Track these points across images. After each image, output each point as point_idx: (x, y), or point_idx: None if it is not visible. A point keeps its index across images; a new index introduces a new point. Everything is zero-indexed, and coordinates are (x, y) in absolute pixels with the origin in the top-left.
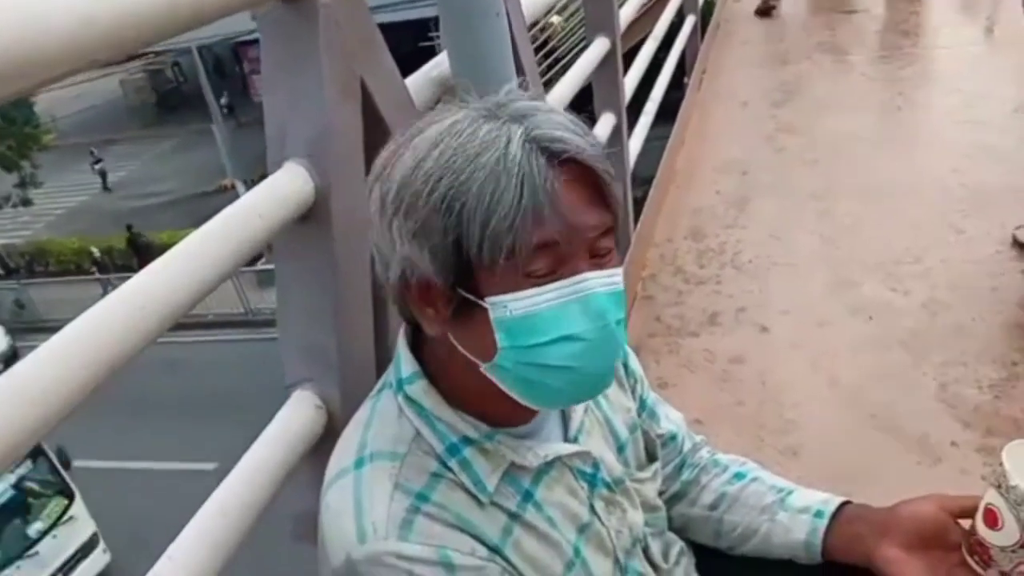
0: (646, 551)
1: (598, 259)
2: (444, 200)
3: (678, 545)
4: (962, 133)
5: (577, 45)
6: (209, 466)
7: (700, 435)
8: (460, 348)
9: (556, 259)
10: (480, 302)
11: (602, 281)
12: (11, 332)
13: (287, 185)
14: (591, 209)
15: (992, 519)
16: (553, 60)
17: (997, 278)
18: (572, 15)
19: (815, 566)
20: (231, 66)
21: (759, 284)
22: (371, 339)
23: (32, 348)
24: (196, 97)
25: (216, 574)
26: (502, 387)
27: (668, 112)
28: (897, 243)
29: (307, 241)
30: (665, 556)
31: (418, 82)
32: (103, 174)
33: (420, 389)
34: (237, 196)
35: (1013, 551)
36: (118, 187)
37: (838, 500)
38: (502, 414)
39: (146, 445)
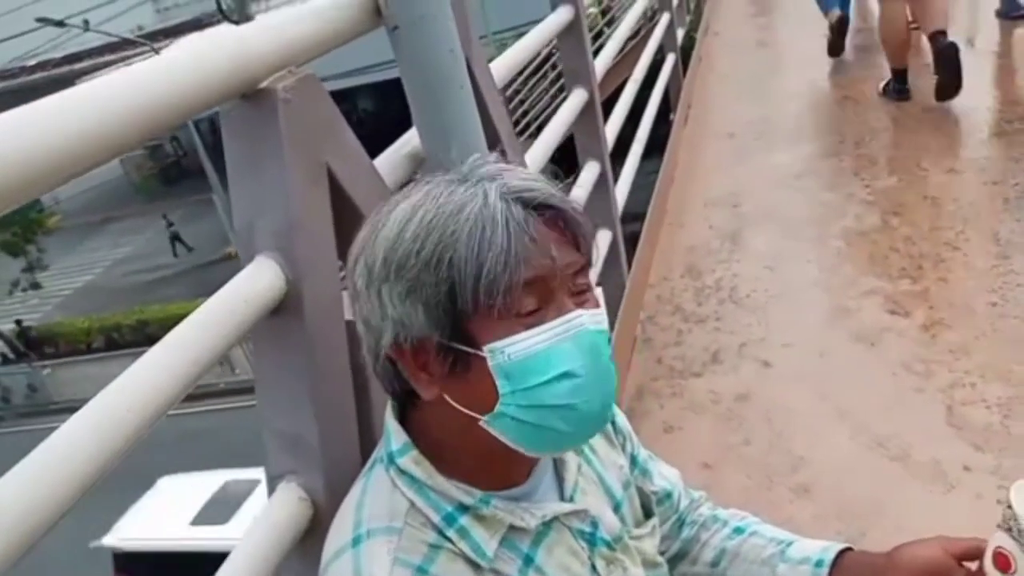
0: None
1: (578, 297)
2: (434, 254)
3: None
4: (953, 148)
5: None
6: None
7: (700, 491)
8: (457, 406)
9: (543, 298)
10: (477, 352)
11: (591, 318)
12: (23, 416)
13: (257, 280)
14: (566, 247)
15: (1004, 563)
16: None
17: (996, 293)
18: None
19: None
20: None
21: (758, 318)
22: (354, 425)
23: (48, 431)
24: (196, 169)
25: None
26: (503, 439)
27: (657, 147)
28: (893, 264)
29: (281, 333)
30: None
31: (389, 161)
32: (174, 238)
33: (411, 460)
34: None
35: None
36: (124, 263)
37: (837, 547)
38: (497, 476)
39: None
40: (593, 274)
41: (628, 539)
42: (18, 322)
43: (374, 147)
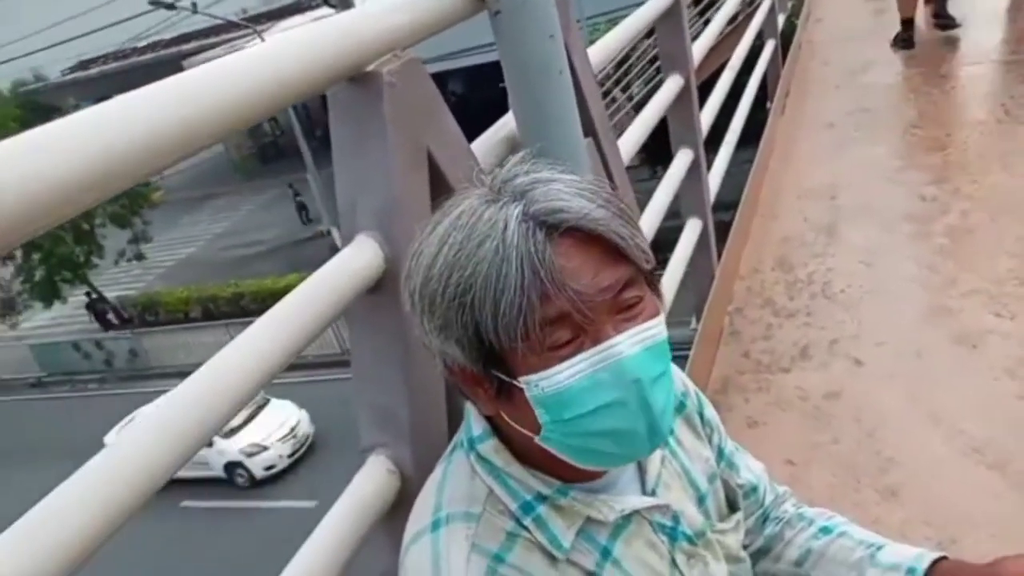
0: None
1: (625, 313)
2: (456, 295)
3: None
4: None
5: None
6: (310, 504)
7: (784, 486)
8: (512, 423)
9: (576, 327)
10: (515, 382)
11: (633, 341)
12: (124, 379)
13: (358, 258)
14: (603, 270)
15: None
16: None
17: None
18: None
19: None
20: (324, 116)
21: (852, 314)
22: (443, 404)
23: (145, 394)
24: (293, 148)
25: None
26: (557, 455)
27: (753, 135)
28: (1000, 264)
29: (378, 310)
30: None
31: (485, 145)
32: (301, 207)
33: (491, 448)
34: (332, 241)
35: None
36: (222, 238)
37: (932, 556)
38: (572, 471)
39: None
40: (668, 278)
41: (711, 533)
42: (88, 295)
43: (463, 130)
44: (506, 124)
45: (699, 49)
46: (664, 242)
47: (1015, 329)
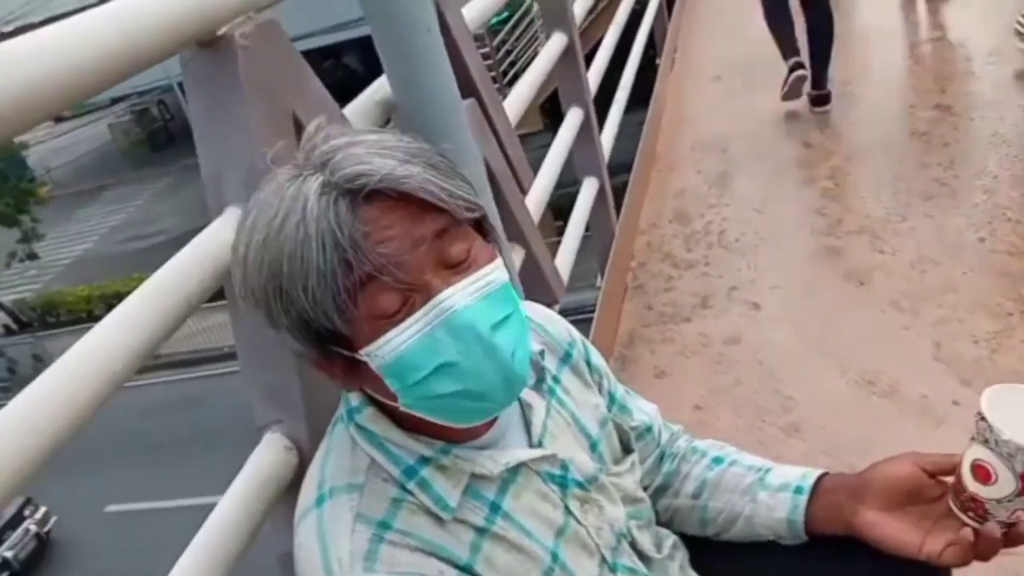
0: (633, 544)
1: (455, 269)
2: (269, 286)
3: (671, 539)
4: (940, 83)
5: None
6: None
7: (677, 424)
8: (375, 395)
9: (402, 292)
10: (357, 356)
11: (467, 292)
12: None
13: (227, 231)
14: (413, 226)
15: (984, 475)
16: None
17: (984, 228)
18: None
19: (804, 545)
20: None
21: (747, 261)
22: None
23: None
24: (184, 132)
25: None
26: (427, 417)
27: (645, 96)
28: (881, 203)
29: None
30: (658, 547)
31: (360, 109)
32: None
33: (369, 417)
34: None
35: (1010, 500)
36: (119, 231)
37: (816, 472)
38: (454, 431)
39: (177, 482)
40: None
41: (605, 477)
42: None
43: None
44: (381, 87)
45: (580, 6)
46: (569, 207)
47: (897, 264)
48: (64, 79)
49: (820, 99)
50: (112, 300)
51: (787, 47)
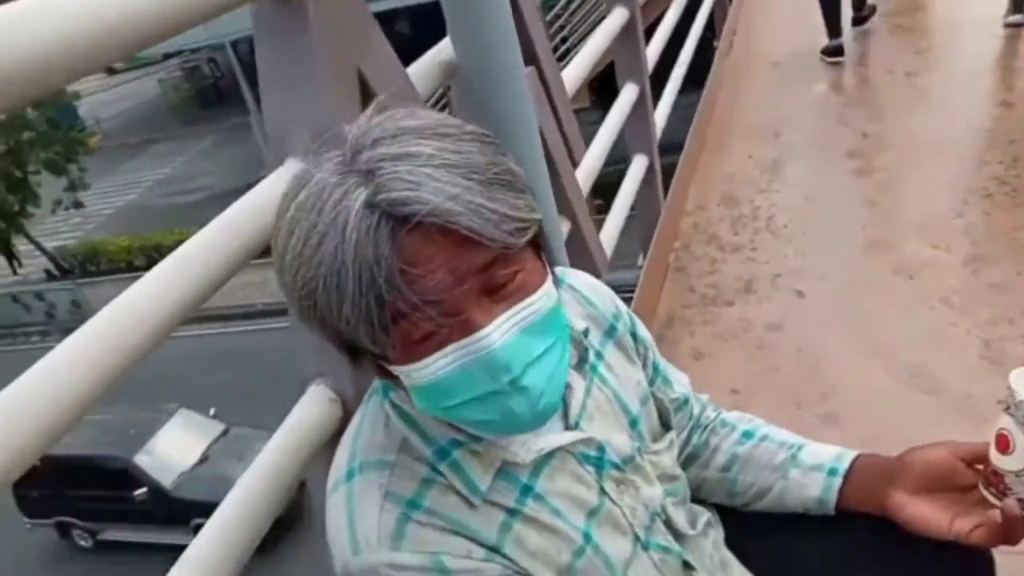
0: (668, 522)
1: (498, 293)
2: (304, 297)
3: (706, 515)
4: (998, 80)
5: None
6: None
7: (703, 394)
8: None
9: (441, 315)
10: (390, 369)
11: (505, 328)
12: (67, 331)
13: (286, 183)
14: (459, 258)
15: (1004, 444)
16: None
17: None
18: None
19: (836, 524)
20: None
21: (795, 248)
22: None
23: None
24: (233, 91)
25: (240, 562)
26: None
27: (701, 77)
28: (938, 198)
29: None
30: (692, 524)
31: (422, 69)
32: None
33: (404, 395)
34: None
35: None
36: (164, 184)
37: (851, 455)
38: None
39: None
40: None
41: (642, 456)
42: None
43: None
44: (443, 49)
45: None
46: (609, 185)
47: (950, 260)
48: (141, 21)
49: (859, 20)
50: (152, 252)
51: (833, 28)
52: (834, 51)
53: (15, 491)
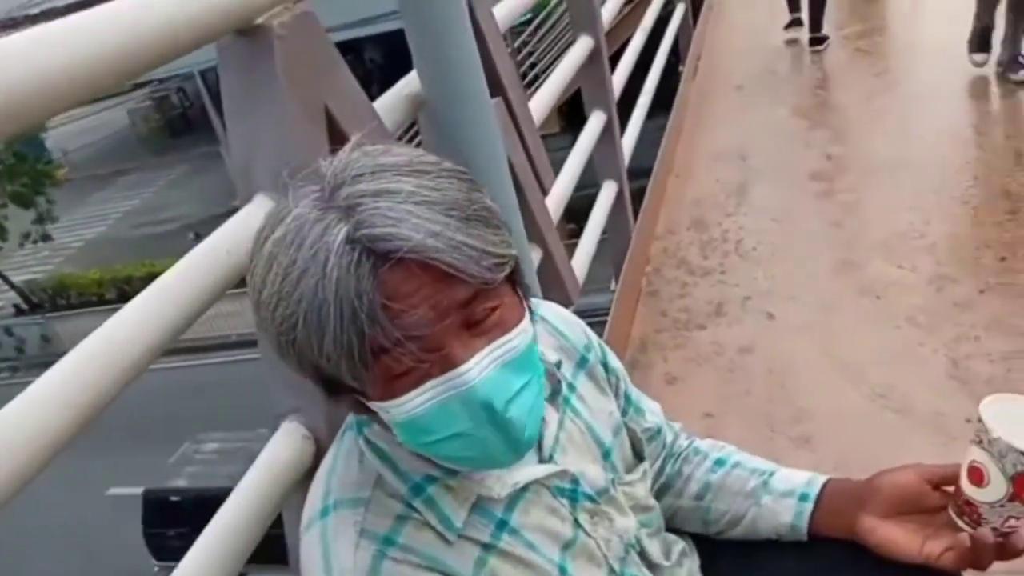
0: (642, 553)
1: (477, 328)
2: (283, 333)
3: (680, 545)
4: (957, 102)
5: None
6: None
7: (676, 422)
8: (384, 430)
9: (422, 351)
10: (368, 404)
11: (485, 364)
12: (37, 367)
13: (256, 218)
14: (441, 293)
15: (977, 477)
16: None
17: (1005, 248)
18: None
19: (812, 549)
20: None
21: (764, 271)
22: None
23: None
24: (203, 120)
25: None
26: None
27: (667, 102)
28: (901, 218)
29: None
30: (666, 555)
31: (388, 103)
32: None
33: (378, 431)
34: None
35: (1002, 505)
36: (133, 216)
37: (821, 479)
38: None
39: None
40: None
41: (615, 489)
42: None
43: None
44: (410, 82)
45: (608, 10)
46: (581, 210)
47: (916, 280)
48: (106, 62)
49: (816, 40)
50: (123, 284)
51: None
52: (819, 40)
53: (145, 531)
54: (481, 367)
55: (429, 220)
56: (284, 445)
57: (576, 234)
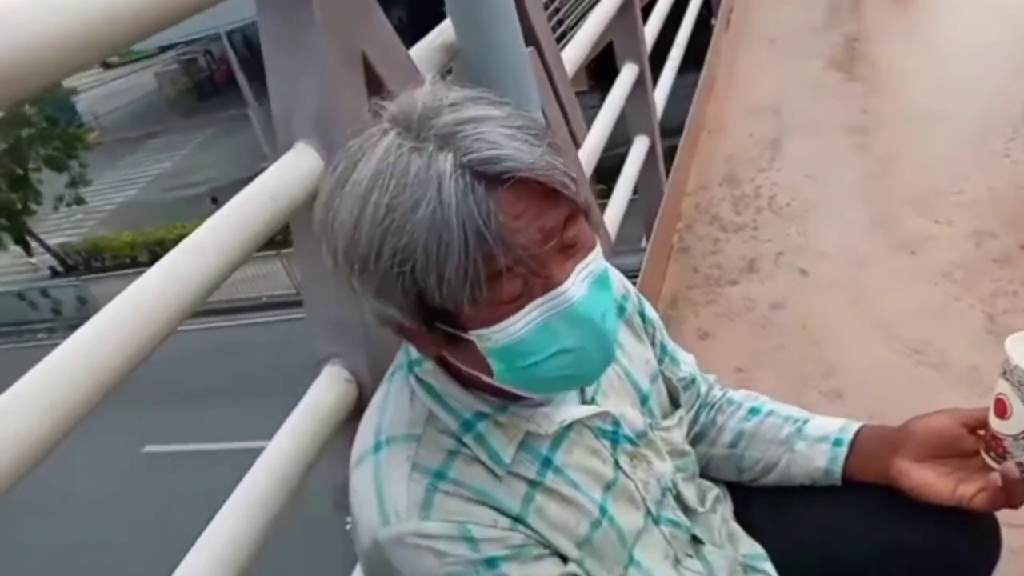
0: (678, 497)
1: (568, 251)
2: (393, 263)
3: (714, 491)
4: (997, 53)
5: None
6: (266, 442)
7: (711, 373)
8: (461, 365)
9: (525, 276)
10: (464, 335)
11: (579, 280)
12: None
13: (297, 166)
14: (545, 214)
15: (1002, 408)
16: None
17: None
18: None
19: (841, 495)
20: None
21: (797, 227)
22: None
23: None
24: (230, 82)
25: (257, 544)
26: (511, 389)
27: (700, 59)
28: (939, 173)
29: None
30: (701, 500)
31: (423, 52)
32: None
33: (430, 369)
34: None
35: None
36: (164, 179)
37: (855, 426)
38: (513, 392)
39: (213, 427)
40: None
41: (654, 432)
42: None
43: None
44: (443, 31)
45: None
46: (611, 168)
47: (952, 235)
48: (139, 11)
49: None
50: (155, 247)
51: None
52: None
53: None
54: (578, 284)
55: (525, 143)
56: (327, 389)
57: (606, 194)
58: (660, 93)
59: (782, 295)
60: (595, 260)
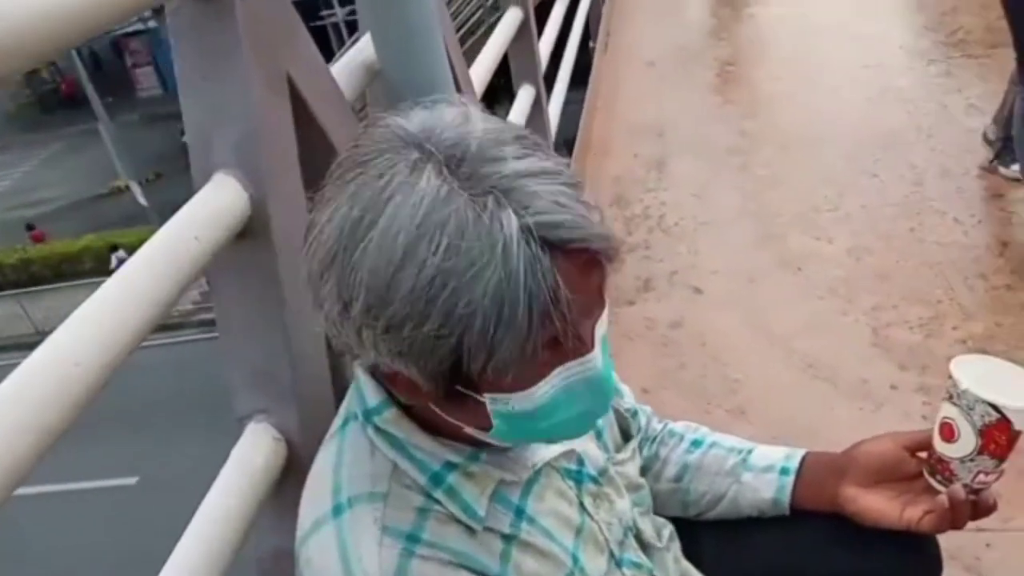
0: (638, 536)
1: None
2: (440, 331)
3: (668, 528)
4: (866, 77)
5: None
6: (131, 480)
7: (647, 405)
8: (445, 416)
9: (561, 340)
10: (477, 396)
11: (598, 339)
12: None
13: (218, 198)
14: (593, 282)
15: (948, 432)
16: None
17: (914, 219)
18: None
19: (789, 524)
20: (111, 62)
21: (687, 245)
22: (325, 360)
23: None
24: (79, 95)
25: None
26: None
27: (577, 76)
28: (816, 192)
29: (246, 258)
30: (658, 535)
31: (343, 71)
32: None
33: (391, 418)
34: (133, 197)
35: (971, 459)
36: (4, 198)
37: (799, 454)
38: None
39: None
40: None
41: (612, 468)
42: None
43: None
44: (363, 49)
45: None
46: None
47: (834, 251)
48: (53, 25)
49: None
50: None
51: None
52: None
53: None
54: (597, 347)
55: (582, 204)
56: (254, 448)
57: None
58: (553, 112)
59: (679, 314)
60: (605, 317)
